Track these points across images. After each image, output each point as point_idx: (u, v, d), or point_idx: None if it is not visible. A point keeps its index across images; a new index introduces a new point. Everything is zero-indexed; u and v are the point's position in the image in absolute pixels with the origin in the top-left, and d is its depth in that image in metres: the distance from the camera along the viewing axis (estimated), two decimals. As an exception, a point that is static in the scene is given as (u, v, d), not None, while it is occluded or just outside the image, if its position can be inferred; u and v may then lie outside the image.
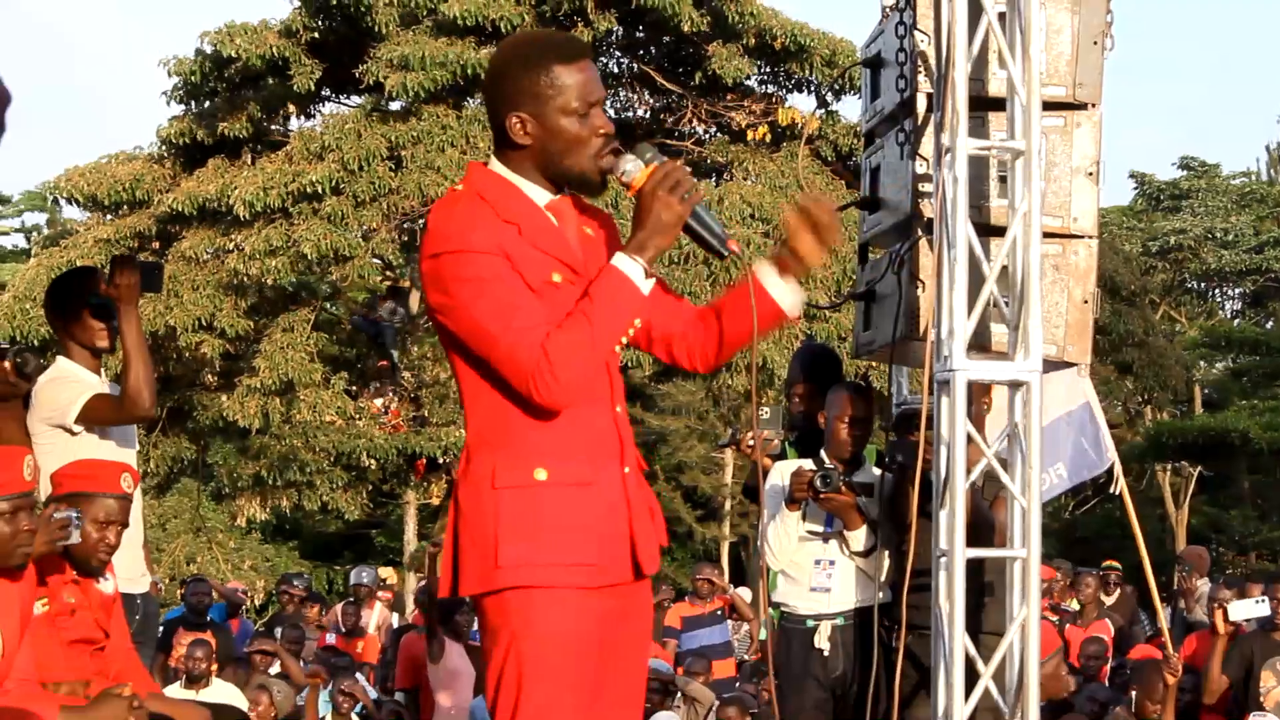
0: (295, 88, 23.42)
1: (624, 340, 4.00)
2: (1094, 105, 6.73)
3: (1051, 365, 6.68)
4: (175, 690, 10.17)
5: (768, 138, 24.13)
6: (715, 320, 4.24)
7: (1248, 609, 10.05)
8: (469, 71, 22.46)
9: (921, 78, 6.66)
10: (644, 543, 4.09)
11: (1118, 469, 10.43)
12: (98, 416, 6.23)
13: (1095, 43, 6.71)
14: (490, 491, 3.94)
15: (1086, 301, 6.70)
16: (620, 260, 3.96)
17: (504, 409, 3.95)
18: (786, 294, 4.20)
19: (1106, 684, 12.13)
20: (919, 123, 6.68)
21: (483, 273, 3.89)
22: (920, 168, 6.66)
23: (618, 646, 4.09)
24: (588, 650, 3.99)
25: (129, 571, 6.37)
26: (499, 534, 3.91)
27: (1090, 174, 6.72)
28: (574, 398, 3.93)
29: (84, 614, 5.61)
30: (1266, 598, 10.13)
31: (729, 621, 15.02)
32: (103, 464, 5.89)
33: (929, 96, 6.70)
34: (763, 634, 15.05)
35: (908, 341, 6.73)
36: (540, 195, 4.05)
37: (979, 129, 6.53)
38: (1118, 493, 9.88)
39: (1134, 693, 10.12)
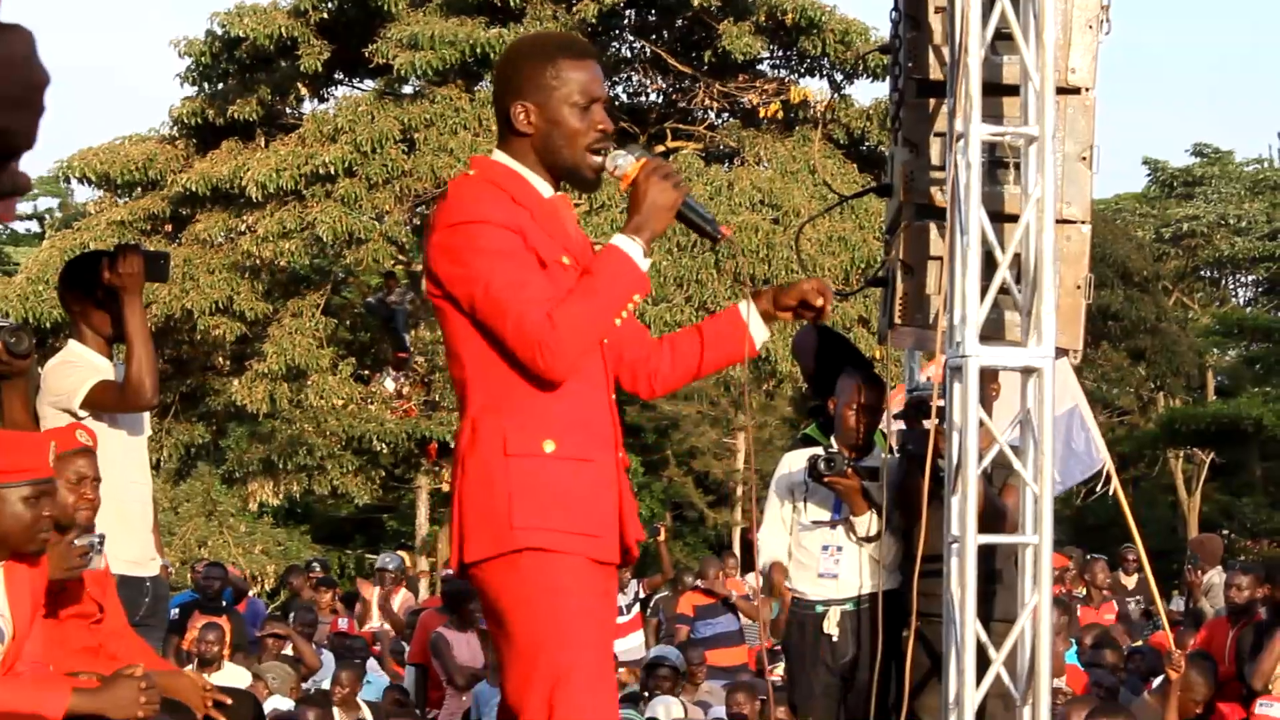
0: (303, 68, 23.43)
1: (623, 315, 4.11)
2: (1087, 90, 6.70)
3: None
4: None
5: (780, 115, 24.11)
6: (689, 348, 4.45)
7: None
8: (478, 51, 22.46)
9: (914, 64, 6.66)
10: (630, 528, 4.20)
11: (1110, 469, 10.41)
12: (101, 403, 6.22)
13: (1090, 26, 6.68)
14: (502, 458, 4.01)
15: (1079, 287, 6.69)
16: (620, 240, 4.12)
17: (512, 380, 4.03)
18: (762, 331, 4.45)
19: (1119, 666, 12.15)
20: (908, 109, 6.69)
21: (499, 245, 4.01)
22: (909, 154, 6.66)
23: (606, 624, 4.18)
24: (601, 617, 4.10)
25: (139, 555, 6.37)
26: (512, 498, 3.98)
27: (1084, 159, 6.70)
28: (573, 370, 4.03)
29: (74, 587, 5.62)
30: None
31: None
32: (54, 429, 5.90)
33: (920, 83, 6.69)
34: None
35: (905, 327, 6.73)
36: (544, 188, 4.19)
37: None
38: (1111, 493, 9.85)
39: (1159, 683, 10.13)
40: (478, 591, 4.13)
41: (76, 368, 6.29)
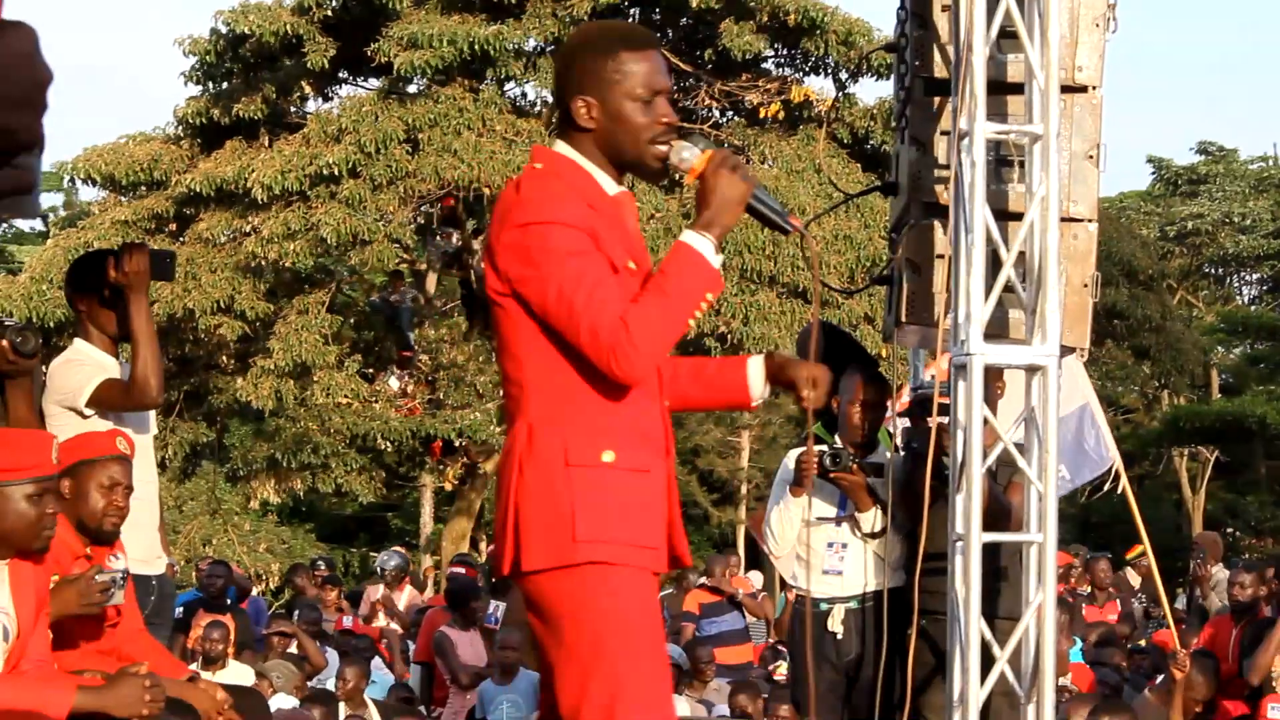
0: (309, 65, 23.39)
1: (697, 315, 4.03)
2: (1094, 88, 6.70)
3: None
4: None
5: (781, 115, 24.08)
6: (692, 383, 4.42)
7: None
8: (477, 48, 22.41)
9: (920, 63, 6.66)
10: (678, 536, 4.17)
11: (1119, 466, 10.40)
12: (107, 401, 6.23)
13: (1096, 25, 6.69)
14: (563, 469, 3.95)
15: (1086, 285, 6.69)
16: (690, 237, 4.04)
17: (574, 386, 3.97)
18: (759, 388, 4.40)
19: (1124, 665, 12.16)
20: (915, 108, 6.69)
21: (572, 246, 3.93)
22: (916, 152, 6.66)
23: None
24: (658, 629, 4.07)
25: (145, 553, 6.38)
26: (575, 510, 3.93)
27: (1090, 157, 6.69)
28: (647, 374, 3.98)
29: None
30: None
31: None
32: (96, 432, 5.90)
33: (927, 82, 6.69)
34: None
35: (911, 325, 6.73)
36: (609, 184, 4.12)
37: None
38: (1119, 491, 9.85)
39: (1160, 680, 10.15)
40: (529, 598, 4.06)
41: (83, 366, 6.30)
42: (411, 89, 23.64)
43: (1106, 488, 10.39)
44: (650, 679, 3.96)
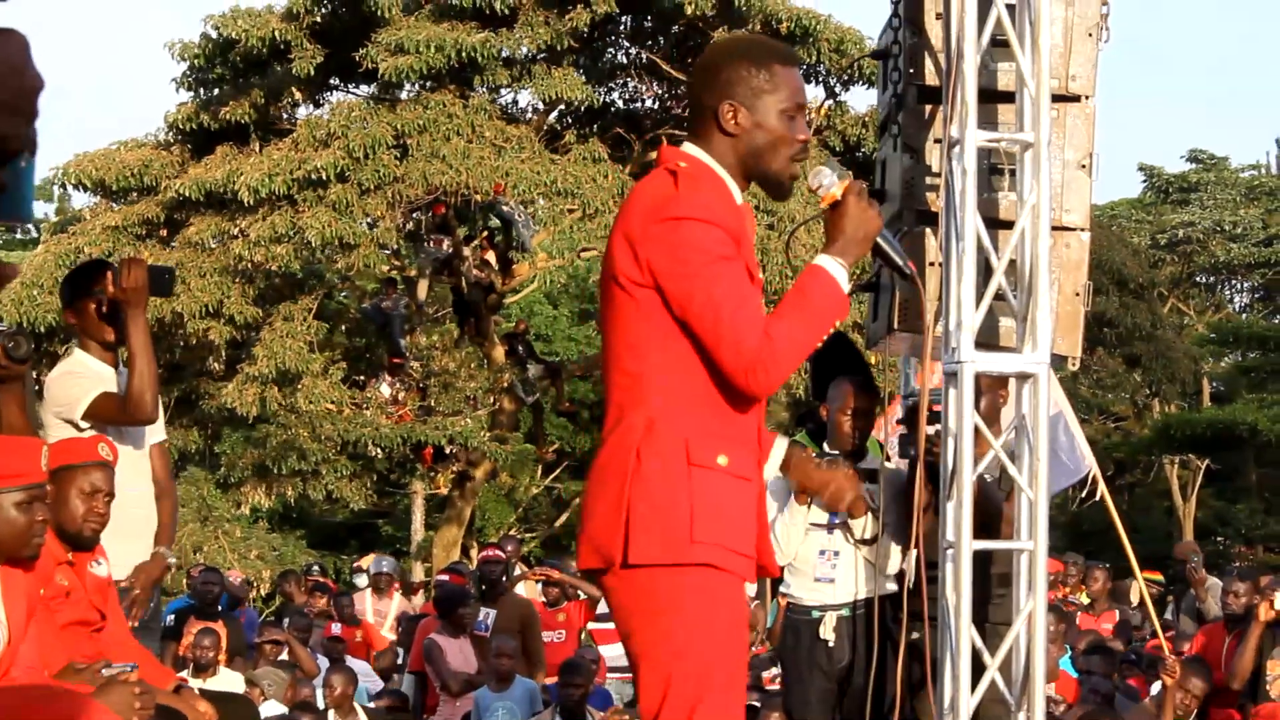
0: (296, 71, 23.38)
1: (823, 340, 4.07)
2: (1087, 97, 6.71)
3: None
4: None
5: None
6: None
7: None
8: (464, 55, 22.41)
9: (914, 70, 6.66)
10: (766, 545, 4.18)
11: (1096, 473, 10.40)
12: (102, 415, 6.22)
13: (1090, 34, 6.69)
14: (685, 467, 3.92)
15: (1078, 294, 6.69)
16: (827, 263, 4.13)
17: (697, 386, 3.95)
18: (772, 470, 4.59)
19: (1116, 675, 12.14)
20: (908, 115, 6.69)
21: (724, 251, 3.95)
22: (909, 160, 6.66)
23: None
24: (745, 638, 4.10)
25: (141, 560, 6.37)
26: (694, 510, 3.90)
27: (1084, 166, 6.70)
28: (776, 390, 4.01)
29: (78, 595, 5.61)
30: None
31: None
32: (78, 438, 5.89)
33: (920, 89, 6.69)
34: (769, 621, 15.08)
35: (903, 333, 6.73)
36: (737, 193, 4.13)
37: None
38: (1098, 498, 9.83)
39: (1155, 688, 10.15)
40: (623, 591, 3.99)
41: (81, 378, 6.28)
42: (403, 95, 23.64)
43: (1084, 496, 10.36)
44: (729, 688, 3.96)
